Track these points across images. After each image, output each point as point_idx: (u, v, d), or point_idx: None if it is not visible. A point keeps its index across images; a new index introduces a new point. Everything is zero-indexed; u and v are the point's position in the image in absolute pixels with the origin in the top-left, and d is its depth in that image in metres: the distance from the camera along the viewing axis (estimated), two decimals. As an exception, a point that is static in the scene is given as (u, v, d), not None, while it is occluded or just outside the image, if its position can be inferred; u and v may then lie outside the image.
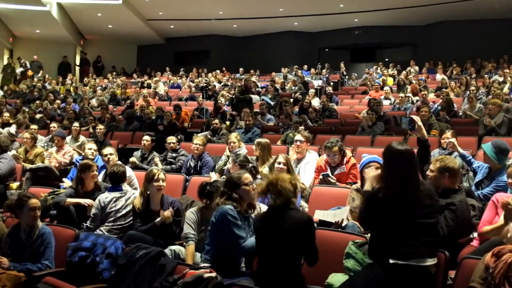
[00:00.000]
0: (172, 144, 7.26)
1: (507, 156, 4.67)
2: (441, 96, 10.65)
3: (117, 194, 4.62)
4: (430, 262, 2.94)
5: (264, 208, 4.53)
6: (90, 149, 6.45)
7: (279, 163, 4.99)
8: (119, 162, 5.48)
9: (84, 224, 4.57)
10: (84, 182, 4.95)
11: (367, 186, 3.51)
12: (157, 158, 7.07)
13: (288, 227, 3.25)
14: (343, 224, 3.97)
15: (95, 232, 4.38)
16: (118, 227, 4.48)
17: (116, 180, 4.74)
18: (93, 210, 4.55)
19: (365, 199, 3.21)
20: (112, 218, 4.50)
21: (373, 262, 3.03)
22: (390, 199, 2.97)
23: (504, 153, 4.57)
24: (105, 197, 4.59)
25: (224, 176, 5.51)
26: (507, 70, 13.27)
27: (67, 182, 5.96)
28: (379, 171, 4.04)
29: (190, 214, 4.05)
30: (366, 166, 4.16)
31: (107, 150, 5.92)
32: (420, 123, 4.07)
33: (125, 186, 4.82)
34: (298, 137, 5.90)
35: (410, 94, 11.50)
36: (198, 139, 6.82)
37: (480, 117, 8.42)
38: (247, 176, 3.74)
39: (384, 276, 2.90)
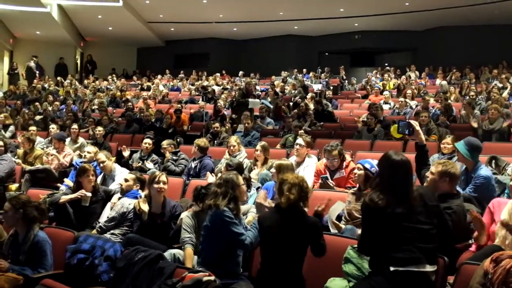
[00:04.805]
0: (163, 149, 7.20)
1: (480, 153, 4.69)
2: (439, 100, 10.64)
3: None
4: (429, 268, 2.92)
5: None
6: (90, 152, 6.55)
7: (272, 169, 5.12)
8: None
9: (98, 223, 4.63)
10: (82, 185, 4.97)
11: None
12: (150, 162, 7.00)
13: (297, 228, 3.30)
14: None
15: (106, 234, 4.40)
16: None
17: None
18: (113, 213, 4.57)
19: (363, 218, 3.17)
20: (129, 223, 4.51)
21: (374, 271, 3.01)
22: (384, 208, 2.96)
23: (476, 150, 4.58)
24: (128, 203, 4.59)
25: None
26: (503, 76, 13.32)
27: (68, 182, 5.94)
28: (361, 172, 4.23)
29: (186, 219, 4.07)
30: None
31: (100, 157, 5.90)
32: (418, 128, 4.07)
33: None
34: (299, 141, 5.96)
35: (408, 99, 11.49)
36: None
37: (478, 122, 8.45)
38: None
39: (386, 284, 2.88)
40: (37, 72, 18.56)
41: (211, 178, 5.48)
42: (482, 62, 15.89)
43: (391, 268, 2.88)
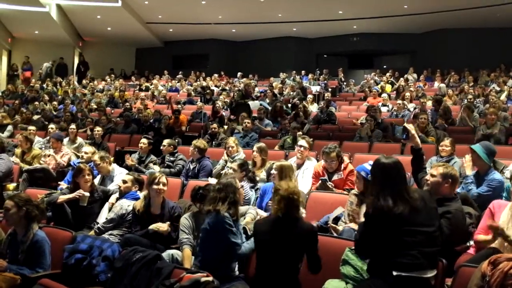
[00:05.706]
0: (163, 147, 7.22)
1: (494, 157, 4.97)
2: (431, 101, 10.60)
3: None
4: (431, 274, 2.91)
5: (260, 213, 4.57)
6: (87, 153, 6.56)
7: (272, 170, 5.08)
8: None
9: (96, 224, 4.64)
10: (79, 186, 4.97)
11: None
12: (152, 163, 7.01)
13: (291, 235, 3.31)
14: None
15: (104, 235, 4.40)
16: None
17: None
18: (111, 215, 4.57)
19: (363, 221, 3.14)
20: (128, 224, 4.50)
21: (375, 275, 2.98)
22: (383, 213, 2.94)
23: (493, 154, 4.87)
24: (127, 204, 4.59)
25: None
26: (501, 79, 13.33)
27: (63, 185, 5.94)
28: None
29: (184, 220, 4.08)
30: None
31: (95, 159, 5.89)
32: (413, 132, 4.07)
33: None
34: (302, 142, 5.93)
35: (406, 102, 11.50)
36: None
37: (475, 125, 8.47)
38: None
39: None
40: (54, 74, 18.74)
41: (212, 181, 5.49)
42: (483, 65, 15.88)
43: (394, 273, 2.85)
